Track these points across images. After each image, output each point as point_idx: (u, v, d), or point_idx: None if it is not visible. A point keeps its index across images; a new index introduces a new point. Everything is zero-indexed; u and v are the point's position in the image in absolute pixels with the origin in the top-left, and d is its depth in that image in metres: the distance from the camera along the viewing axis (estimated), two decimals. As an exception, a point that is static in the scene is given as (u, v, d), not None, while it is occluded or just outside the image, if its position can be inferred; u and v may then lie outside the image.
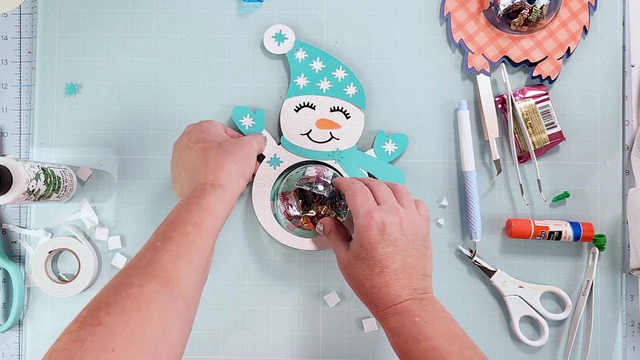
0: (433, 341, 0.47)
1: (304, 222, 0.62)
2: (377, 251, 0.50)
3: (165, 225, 0.47)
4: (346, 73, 0.64)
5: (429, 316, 0.48)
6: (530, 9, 0.63)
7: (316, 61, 0.64)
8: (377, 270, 0.50)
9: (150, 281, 0.42)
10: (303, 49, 0.64)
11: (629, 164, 0.65)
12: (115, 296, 0.40)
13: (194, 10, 0.66)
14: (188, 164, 0.55)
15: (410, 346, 0.48)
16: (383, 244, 0.51)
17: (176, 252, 0.45)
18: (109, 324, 0.38)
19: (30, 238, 0.65)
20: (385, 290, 0.50)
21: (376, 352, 0.64)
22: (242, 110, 0.65)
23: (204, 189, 0.51)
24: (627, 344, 0.65)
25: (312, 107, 0.64)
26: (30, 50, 0.67)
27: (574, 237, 0.62)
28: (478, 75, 0.65)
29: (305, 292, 0.65)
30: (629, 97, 0.66)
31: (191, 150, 0.55)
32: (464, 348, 0.47)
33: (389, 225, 0.51)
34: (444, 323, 0.48)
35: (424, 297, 0.50)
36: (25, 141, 0.67)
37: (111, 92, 0.66)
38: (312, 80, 0.64)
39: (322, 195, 0.61)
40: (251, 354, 0.64)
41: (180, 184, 0.55)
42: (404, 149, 0.64)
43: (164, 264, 0.43)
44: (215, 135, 0.57)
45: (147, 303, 0.40)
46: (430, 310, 0.49)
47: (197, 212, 0.48)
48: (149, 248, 0.45)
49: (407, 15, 0.66)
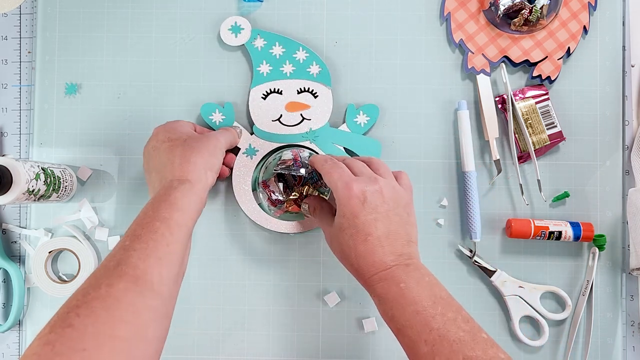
0: (417, 305, 0.46)
1: (288, 205, 0.62)
2: (359, 220, 0.50)
3: (134, 225, 0.48)
4: (307, 53, 0.64)
5: (413, 281, 0.48)
6: (530, 9, 0.63)
7: (275, 46, 0.64)
8: (360, 239, 0.50)
9: (119, 280, 0.42)
10: (261, 37, 0.64)
11: (629, 164, 0.65)
12: (84, 298, 0.40)
13: (194, 10, 0.66)
14: (156, 164, 0.55)
15: (395, 312, 0.47)
16: (364, 212, 0.50)
17: (145, 249, 0.45)
18: (78, 325, 0.38)
19: (30, 238, 0.65)
20: (370, 258, 0.50)
21: (376, 352, 0.64)
22: (210, 106, 0.65)
23: (171, 186, 0.51)
24: (627, 344, 0.65)
25: (279, 92, 0.64)
26: (30, 50, 0.67)
27: (574, 237, 0.62)
28: (478, 75, 0.65)
29: (305, 292, 0.65)
30: (629, 97, 0.66)
31: (159, 150, 0.56)
32: (448, 310, 0.46)
33: (369, 194, 0.51)
34: (429, 287, 0.48)
35: (410, 262, 0.49)
36: (25, 141, 0.67)
37: (111, 92, 0.66)
38: (275, 66, 0.64)
39: (301, 176, 0.61)
40: (251, 354, 0.64)
41: (152, 185, 0.56)
42: (376, 118, 0.65)
43: (133, 262, 0.43)
44: (181, 134, 0.57)
45: (117, 302, 0.40)
46: (414, 276, 0.48)
47: (165, 208, 0.48)
48: (118, 249, 0.45)
49: (407, 15, 0.66)
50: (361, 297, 0.65)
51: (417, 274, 0.49)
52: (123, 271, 0.43)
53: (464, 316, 0.46)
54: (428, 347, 0.44)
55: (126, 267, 0.43)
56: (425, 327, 0.45)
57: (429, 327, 0.45)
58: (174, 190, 0.50)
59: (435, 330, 0.45)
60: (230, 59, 0.66)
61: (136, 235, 0.46)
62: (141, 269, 0.43)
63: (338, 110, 0.65)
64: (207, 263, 0.65)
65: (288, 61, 0.64)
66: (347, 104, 0.65)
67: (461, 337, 0.44)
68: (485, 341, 0.44)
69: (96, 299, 0.40)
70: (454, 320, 0.45)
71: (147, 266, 0.44)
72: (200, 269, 0.65)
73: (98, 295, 0.40)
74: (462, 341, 0.44)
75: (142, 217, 0.48)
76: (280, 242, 0.65)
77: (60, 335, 0.37)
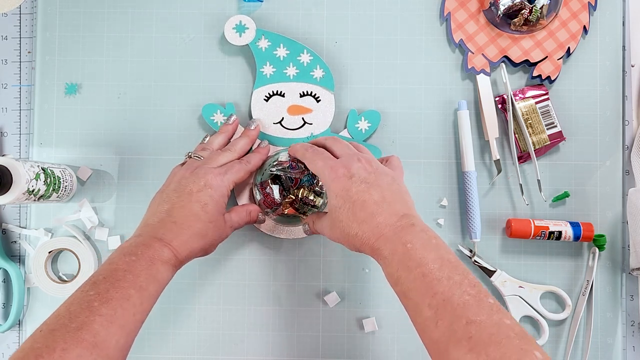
0: (423, 267, 0.45)
1: (284, 208, 0.61)
2: (351, 192, 0.50)
3: (106, 281, 0.46)
4: (311, 57, 0.64)
5: (419, 242, 0.46)
6: (530, 9, 0.63)
7: (280, 48, 0.64)
8: (358, 207, 0.49)
9: (76, 346, 0.42)
10: (265, 37, 0.64)
11: (629, 164, 0.65)
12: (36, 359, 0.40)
13: (194, 10, 0.66)
14: (173, 198, 0.54)
15: (401, 273, 0.46)
16: (355, 184, 0.50)
17: (112, 316, 0.44)
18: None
19: (30, 238, 0.65)
20: (372, 221, 0.49)
21: (376, 352, 0.64)
22: (212, 107, 0.64)
23: (160, 255, 0.50)
24: (627, 344, 0.65)
25: (282, 94, 0.64)
26: (30, 50, 0.67)
27: (574, 237, 0.62)
28: (478, 75, 0.65)
29: (305, 292, 0.65)
30: (629, 97, 0.66)
31: (184, 188, 0.54)
32: (454, 273, 0.44)
33: (354, 169, 0.51)
34: (435, 249, 0.46)
35: (415, 223, 0.48)
36: (25, 141, 0.67)
37: (111, 92, 0.66)
38: (278, 67, 0.64)
39: (298, 178, 0.61)
40: (251, 354, 0.64)
41: (156, 207, 0.54)
42: (377, 125, 0.65)
43: (96, 329, 0.43)
44: (209, 197, 0.54)
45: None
46: (421, 237, 0.47)
47: (145, 278, 0.48)
48: (84, 306, 0.44)
49: (407, 15, 0.66)
50: (361, 297, 0.65)
51: (423, 235, 0.47)
52: (82, 337, 0.42)
53: (470, 280, 0.44)
54: (432, 310, 0.43)
55: (87, 334, 0.42)
56: (429, 290, 0.44)
57: (434, 290, 0.43)
58: (160, 263, 0.49)
59: (439, 294, 0.43)
60: (232, 59, 0.66)
61: (107, 298, 0.45)
62: (101, 337, 0.43)
63: (339, 113, 0.65)
64: (207, 263, 0.65)
65: (292, 63, 0.64)
66: (347, 106, 0.65)
67: (466, 300, 0.42)
68: (491, 306, 0.42)
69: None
70: (460, 283, 0.43)
71: (108, 334, 0.43)
72: (200, 269, 0.65)
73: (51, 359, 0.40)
74: (467, 305, 0.42)
75: (118, 274, 0.47)
76: (281, 242, 0.65)
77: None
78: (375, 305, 0.64)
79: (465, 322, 0.41)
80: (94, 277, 0.47)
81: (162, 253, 0.50)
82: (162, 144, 0.65)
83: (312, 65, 0.64)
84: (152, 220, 0.53)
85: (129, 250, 0.49)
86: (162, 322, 0.65)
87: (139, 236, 0.52)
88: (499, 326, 0.40)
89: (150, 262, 0.49)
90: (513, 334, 0.40)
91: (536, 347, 0.39)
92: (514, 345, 0.39)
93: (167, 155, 0.65)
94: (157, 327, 0.64)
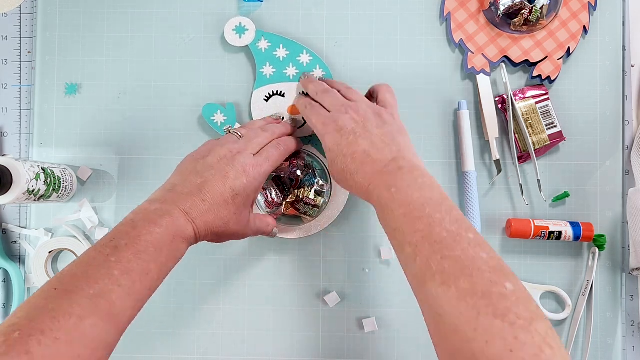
0: (405, 208, 0.45)
1: (285, 208, 0.62)
2: (341, 145, 0.52)
3: (129, 250, 0.45)
4: (311, 57, 0.64)
5: (404, 184, 0.47)
6: (530, 9, 0.63)
7: (280, 49, 0.64)
8: (349, 160, 0.51)
9: (92, 313, 0.41)
10: (265, 38, 0.64)
11: (629, 164, 0.65)
12: (52, 323, 0.39)
13: (194, 10, 0.66)
14: (206, 173, 0.52)
15: (386, 215, 0.47)
16: (343, 137, 0.53)
17: (130, 288, 0.43)
18: (36, 355, 0.37)
19: (30, 238, 0.65)
20: (362, 170, 0.50)
21: (376, 352, 0.64)
22: (212, 107, 0.64)
23: (184, 232, 0.48)
24: (627, 344, 0.65)
25: (282, 94, 0.64)
26: (30, 50, 0.67)
27: (574, 237, 0.63)
28: (478, 75, 0.65)
29: (305, 292, 0.65)
30: (629, 97, 0.66)
31: (222, 169, 0.53)
32: (435, 212, 0.44)
33: (341, 122, 0.53)
34: (420, 189, 0.46)
35: (402, 165, 0.49)
36: (25, 141, 0.67)
37: (111, 92, 0.66)
38: (278, 68, 0.64)
39: (298, 178, 0.62)
40: (251, 354, 0.64)
41: (198, 170, 0.53)
42: None
43: (113, 300, 0.42)
44: (243, 188, 0.53)
45: (82, 337, 0.39)
46: (406, 179, 0.47)
47: (166, 254, 0.47)
48: (103, 272, 0.43)
49: (407, 15, 0.66)
50: (361, 297, 0.65)
51: (409, 177, 0.48)
52: (100, 306, 0.41)
53: (453, 216, 0.44)
54: (411, 248, 0.44)
55: (105, 303, 0.41)
56: (410, 228, 0.45)
57: (414, 228, 0.44)
58: (180, 240, 0.48)
59: (419, 232, 0.44)
60: (232, 59, 0.66)
61: (129, 267, 0.44)
62: (118, 308, 0.42)
63: None
64: (207, 263, 0.65)
65: (292, 64, 0.64)
66: None
67: (443, 237, 0.43)
68: (469, 241, 0.42)
69: (62, 330, 0.39)
70: (441, 220, 0.44)
71: (124, 306, 0.43)
72: (200, 269, 0.65)
73: (67, 326, 0.39)
74: (443, 241, 0.42)
75: (141, 242, 0.46)
76: (281, 243, 0.65)
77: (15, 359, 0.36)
78: (375, 305, 0.64)
79: (440, 257, 0.42)
80: (115, 239, 0.46)
81: (186, 230, 0.49)
82: (162, 144, 0.65)
83: (312, 65, 0.64)
84: (181, 188, 0.51)
85: (154, 218, 0.48)
86: (162, 322, 0.65)
87: (164, 202, 0.50)
88: (473, 260, 0.41)
89: (173, 238, 0.48)
90: (486, 267, 0.40)
91: (509, 279, 0.40)
92: (484, 278, 0.40)
93: (167, 155, 0.65)
94: (158, 327, 0.64)
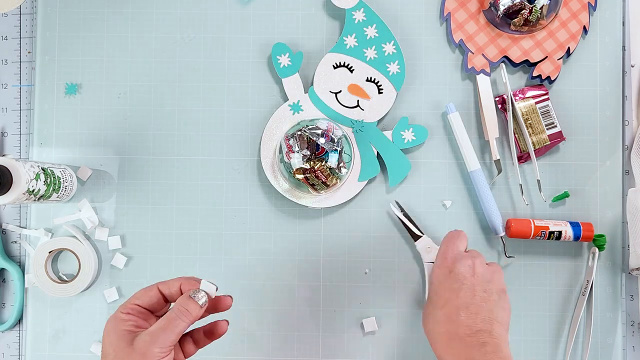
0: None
1: (295, 172, 0.60)
2: (442, 286, 0.50)
3: None
4: (395, 50, 0.64)
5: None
6: (530, 9, 0.63)
7: (371, 27, 0.63)
8: (440, 305, 0.49)
9: None
10: (364, 11, 0.63)
11: (629, 164, 0.65)
12: None
13: (194, 10, 0.66)
14: None
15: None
16: (449, 280, 0.50)
17: None
18: None
19: (30, 238, 0.65)
20: (443, 326, 0.48)
21: (376, 352, 0.64)
22: (283, 47, 0.64)
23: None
24: (627, 344, 0.65)
25: (351, 69, 0.64)
26: (30, 50, 0.67)
27: (574, 237, 0.62)
28: (478, 75, 0.65)
29: (305, 292, 0.65)
30: (629, 97, 0.66)
31: None
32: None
33: (459, 265, 0.51)
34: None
35: (487, 342, 0.47)
36: (25, 141, 0.67)
37: (111, 92, 0.66)
38: (361, 44, 0.63)
39: (324, 149, 0.60)
40: (251, 354, 0.64)
41: None
42: (422, 141, 0.64)
43: None
44: None
45: None
46: (487, 359, 0.46)
47: None
48: None
49: (407, 15, 0.66)
50: (361, 297, 0.65)
51: (493, 357, 0.46)
52: None
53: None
54: None
55: None
56: None
57: None
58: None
59: None
60: (235, 66, 0.66)
61: None
62: None
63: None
64: (207, 263, 0.65)
65: (375, 47, 0.63)
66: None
67: None
68: None
69: None
70: None
71: None
72: (200, 269, 0.65)
73: None
74: None
75: None
76: (280, 242, 0.65)
77: None
78: (375, 305, 0.64)
79: None
80: None
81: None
82: (162, 144, 0.65)
83: (392, 58, 0.63)
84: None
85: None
86: (162, 322, 0.64)
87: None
88: None
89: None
90: None
91: None
92: None
93: (167, 155, 0.65)
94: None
